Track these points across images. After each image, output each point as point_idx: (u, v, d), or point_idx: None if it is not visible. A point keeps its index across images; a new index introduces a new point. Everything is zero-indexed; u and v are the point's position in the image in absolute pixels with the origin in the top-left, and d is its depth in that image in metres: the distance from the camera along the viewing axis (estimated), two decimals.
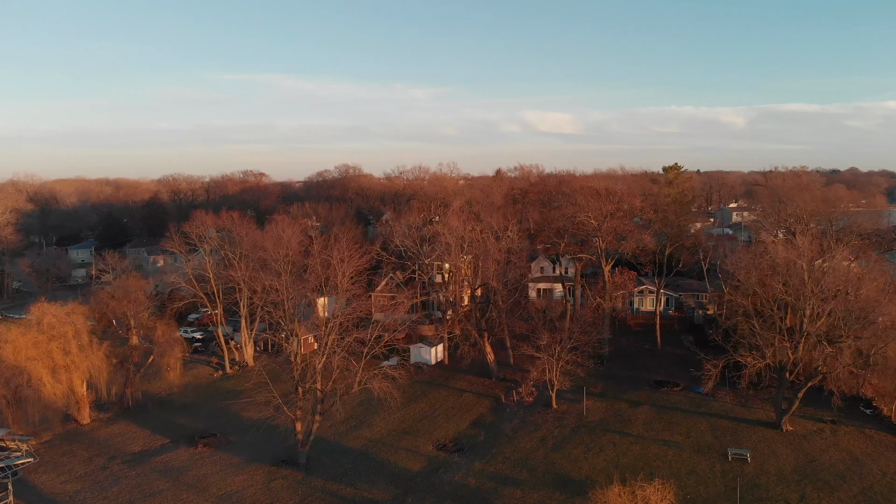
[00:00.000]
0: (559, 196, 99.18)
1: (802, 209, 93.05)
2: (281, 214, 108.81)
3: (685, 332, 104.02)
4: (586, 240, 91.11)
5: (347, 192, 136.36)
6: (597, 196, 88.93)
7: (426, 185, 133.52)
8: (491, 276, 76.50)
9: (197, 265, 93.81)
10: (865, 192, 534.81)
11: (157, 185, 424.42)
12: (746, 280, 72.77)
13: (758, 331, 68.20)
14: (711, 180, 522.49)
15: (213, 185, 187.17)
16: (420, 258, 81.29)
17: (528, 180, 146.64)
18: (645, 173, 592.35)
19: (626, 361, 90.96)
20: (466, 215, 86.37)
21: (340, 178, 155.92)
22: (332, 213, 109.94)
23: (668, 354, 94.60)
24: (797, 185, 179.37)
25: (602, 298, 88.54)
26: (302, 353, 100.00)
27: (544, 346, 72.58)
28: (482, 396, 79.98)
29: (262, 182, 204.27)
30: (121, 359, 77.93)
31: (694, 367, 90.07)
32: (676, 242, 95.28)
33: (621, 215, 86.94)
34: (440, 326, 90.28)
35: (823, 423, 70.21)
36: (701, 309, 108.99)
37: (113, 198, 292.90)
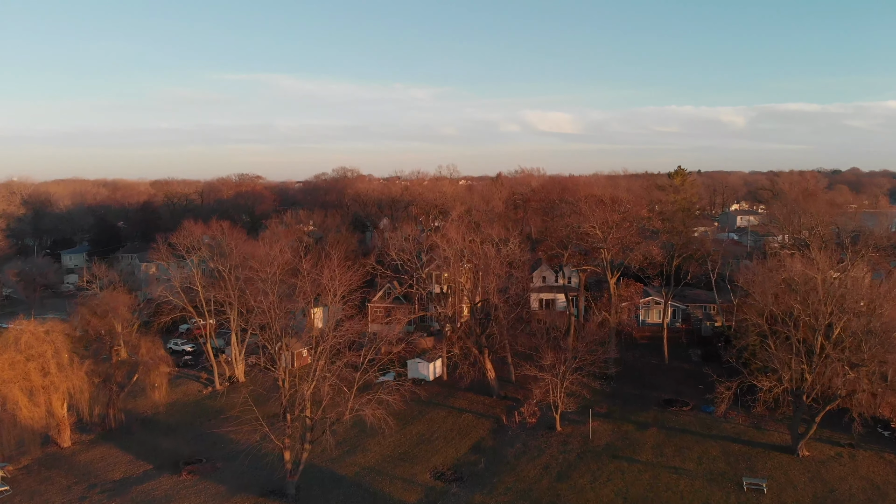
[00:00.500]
0: (562, 204, 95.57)
1: (816, 219, 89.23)
2: (274, 222, 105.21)
3: (693, 345, 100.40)
4: (591, 250, 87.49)
5: (344, 197, 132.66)
6: (601, 205, 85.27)
7: (424, 191, 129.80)
8: (491, 291, 72.89)
9: (186, 277, 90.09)
10: (868, 193, 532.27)
11: (153, 187, 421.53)
12: (761, 297, 69.01)
13: (774, 352, 64.52)
14: (713, 181, 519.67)
15: (207, 189, 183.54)
16: (417, 271, 77.61)
17: (530, 185, 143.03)
18: (647, 174, 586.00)
19: (633, 378, 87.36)
20: (466, 226, 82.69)
21: (337, 182, 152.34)
22: (328, 221, 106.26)
23: (675, 370, 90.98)
24: (804, 190, 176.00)
25: (608, 312, 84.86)
26: (293, 370, 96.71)
27: (548, 366, 68.93)
28: (482, 417, 76.37)
29: (257, 186, 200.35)
30: (103, 377, 74.30)
31: (703, 383, 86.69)
32: (685, 253, 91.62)
33: (627, 226, 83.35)
34: (438, 343, 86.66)
35: (841, 447, 66.71)
36: (709, 320, 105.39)
37: (109, 200, 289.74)
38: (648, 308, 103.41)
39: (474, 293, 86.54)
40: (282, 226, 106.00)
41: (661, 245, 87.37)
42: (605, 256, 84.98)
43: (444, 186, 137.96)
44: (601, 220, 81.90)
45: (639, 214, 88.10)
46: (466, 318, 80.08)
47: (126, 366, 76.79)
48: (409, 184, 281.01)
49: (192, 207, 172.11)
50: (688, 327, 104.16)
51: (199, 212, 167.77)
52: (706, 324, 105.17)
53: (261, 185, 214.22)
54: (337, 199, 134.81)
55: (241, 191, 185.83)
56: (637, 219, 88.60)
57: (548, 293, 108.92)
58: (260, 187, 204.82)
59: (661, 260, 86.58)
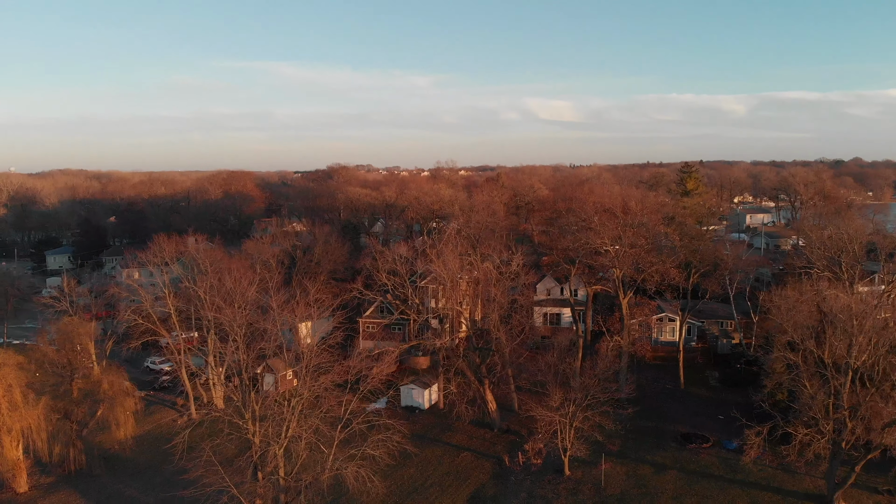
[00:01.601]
0: (568, 214, 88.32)
1: (847, 236, 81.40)
2: (260, 227, 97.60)
3: (709, 365, 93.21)
4: (600, 268, 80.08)
5: (335, 201, 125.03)
6: (612, 218, 77.77)
7: (421, 194, 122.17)
8: (493, 320, 65.30)
9: (156, 299, 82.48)
10: (873, 185, 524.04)
11: (148, 180, 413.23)
12: (795, 332, 61.57)
13: (812, 398, 57.11)
14: (717, 175, 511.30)
15: (196, 188, 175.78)
16: (410, 298, 70.05)
17: (532, 186, 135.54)
18: (648, 164, 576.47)
19: (647, 406, 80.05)
20: (464, 243, 75.13)
21: (329, 185, 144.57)
22: (317, 230, 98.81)
23: (692, 396, 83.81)
24: (820, 192, 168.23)
25: (619, 336, 77.53)
26: (278, 394, 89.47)
27: (556, 406, 61.68)
28: (482, 457, 69.13)
29: (247, 185, 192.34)
30: (63, 413, 67.10)
31: (723, 412, 79.67)
32: (702, 269, 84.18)
33: (642, 242, 75.86)
34: (435, 362, 79.18)
35: (879, 495, 59.99)
36: (725, 337, 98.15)
37: (100, 194, 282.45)
38: (662, 325, 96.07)
39: (473, 311, 79.36)
40: (267, 233, 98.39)
41: (678, 264, 79.86)
42: (617, 274, 77.54)
43: (441, 190, 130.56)
44: (613, 236, 74.44)
45: (655, 230, 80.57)
46: (464, 337, 72.57)
47: (89, 400, 69.55)
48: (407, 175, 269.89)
49: (179, 209, 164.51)
50: (704, 346, 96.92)
51: (186, 212, 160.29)
52: (723, 341, 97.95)
53: (251, 183, 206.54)
54: (328, 203, 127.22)
55: (229, 190, 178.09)
56: (652, 234, 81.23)
57: (553, 307, 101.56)
58: (251, 185, 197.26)
59: (679, 281, 79.23)
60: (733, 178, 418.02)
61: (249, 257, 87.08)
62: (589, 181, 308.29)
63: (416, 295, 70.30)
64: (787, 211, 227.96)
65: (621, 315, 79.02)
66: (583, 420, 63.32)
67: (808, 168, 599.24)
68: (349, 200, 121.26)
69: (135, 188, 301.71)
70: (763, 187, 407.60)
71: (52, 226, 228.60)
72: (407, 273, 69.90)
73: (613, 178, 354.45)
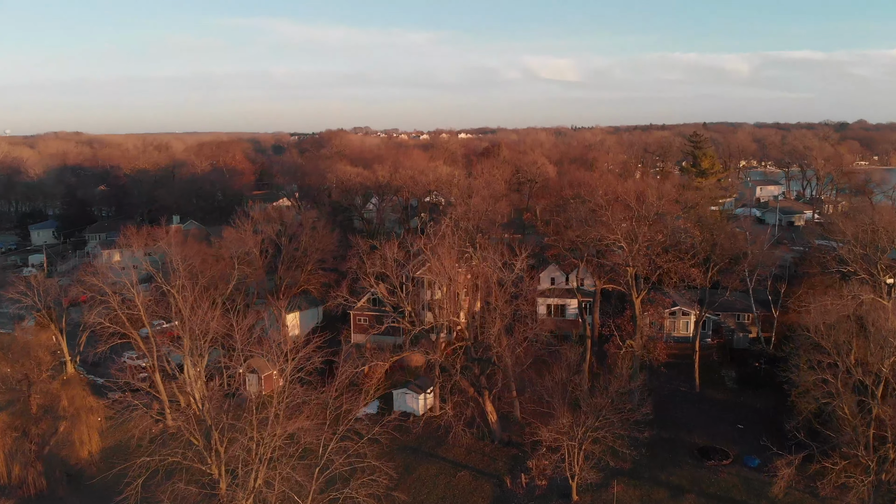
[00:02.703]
0: (576, 202, 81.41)
1: (885, 231, 74.14)
2: (240, 221, 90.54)
3: (725, 362, 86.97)
4: (612, 265, 73.22)
5: (325, 180, 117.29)
6: (626, 209, 70.65)
7: (416, 174, 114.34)
8: (494, 334, 58.49)
9: (125, 300, 75.42)
10: (878, 149, 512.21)
11: (137, 146, 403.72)
12: (834, 348, 54.95)
13: (852, 424, 50.80)
14: (722, 138, 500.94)
15: (180, 162, 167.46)
16: (403, 303, 63.12)
17: (535, 164, 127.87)
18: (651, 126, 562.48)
19: (660, 413, 73.91)
20: (461, 241, 68.12)
21: (319, 163, 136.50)
22: (304, 216, 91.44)
23: (708, 401, 77.72)
24: (838, 168, 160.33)
25: (631, 338, 71.04)
26: (259, 397, 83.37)
27: (563, 429, 55.43)
28: (482, 476, 63.13)
29: (236, 158, 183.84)
30: (21, 432, 60.99)
31: (742, 419, 73.74)
32: (721, 265, 77.30)
33: (660, 238, 68.88)
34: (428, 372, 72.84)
35: None
36: (742, 331, 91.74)
37: (89, 161, 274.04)
38: (675, 319, 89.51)
39: (472, 307, 72.74)
40: (249, 219, 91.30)
41: (699, 261, 72.85)
42: (630, 272, 70.69)
43: (438, 168, 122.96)
44: (627, 231, 67.46)
45: (673, 224, 73.52)
46: (461, 348, 66.03)
47: (49, 417, 63.34)
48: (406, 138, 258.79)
49: (165, 182, 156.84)
50: (719, 341, 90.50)
51: (171, 187, 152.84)
52: (739, 335, 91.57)
53: (241, 154, 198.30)
54: (318, 182, 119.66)
55: (217, 163, 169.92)
56: (670, 228, 74.24)
57: (557, 298, 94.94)
58: (240, 157, 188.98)
59: (701, 281, 72.53)
60: (738, 142, 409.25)
61: (229, 248, 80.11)
62: (593, 149, 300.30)
63: (408, 300, 63.48)
64: (798, 182, 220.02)
65: (633, 314, 72.40)
66: (593, 442, 57.24)
67: (813, 131, 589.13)
68: (340, 181, 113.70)
69: (125, 156, 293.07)
70: (770, 154, 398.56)
71: (39, 197, 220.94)
72: (398, 277, 62.96)
73: (617, 143, 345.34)
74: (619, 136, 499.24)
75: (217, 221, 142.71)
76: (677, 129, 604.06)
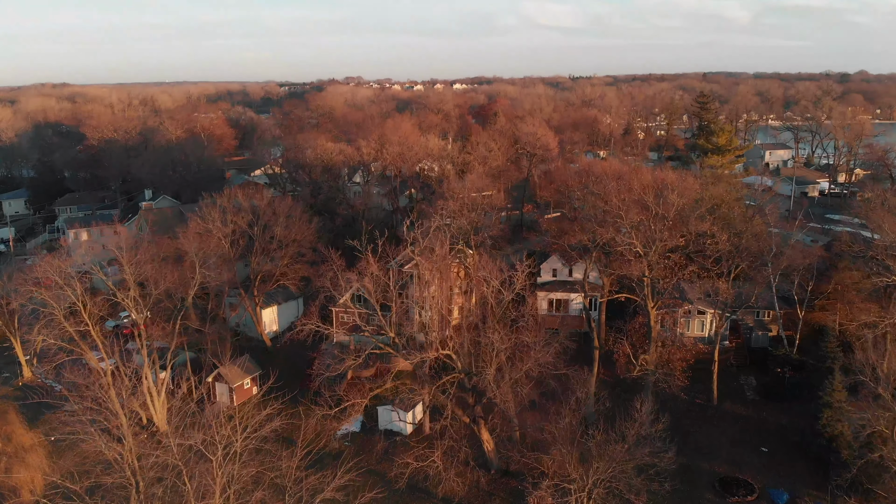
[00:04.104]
0: (583, 192, 72.64)
1: None
2: (206, 211, 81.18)
3: (744, 365, 79.20)
4: (626, 273, 64.58)
5: (305, 158, 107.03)
6: (643, 211, 61.77)
7: (404, 150, 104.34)
8: (490, 377, 49.57)
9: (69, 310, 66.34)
10: (881, 102, 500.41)
11: (122, 100, 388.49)
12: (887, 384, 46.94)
13: None
14: (722, 90, 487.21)
15: (152, 129, 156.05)
16: (385, 328, 54.42)
17: (535, 135, 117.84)
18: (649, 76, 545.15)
19: (675, 431, 66.37)
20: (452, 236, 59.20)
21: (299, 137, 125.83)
22: (277, 205, 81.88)
23: (727, 417, 70.08)
24: (855, 131, 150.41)
25: (646, 354, 62.93)
26: (233, 408, 75.53)
27: (571, 478, 47.68)
28: None
29: (214, 123, 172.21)
30: None
31: (766, 440, 66.29)
32: (744, 266, 68.79)
33: (681, 243, 60.21)
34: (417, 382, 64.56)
35: None
36: (761, 329, 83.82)
37: (69, 118, 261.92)
38: (689, 319, 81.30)
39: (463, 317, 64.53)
40: (217, 209, 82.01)
41: (724, 270, 64.37)
42: (646, 279, 62.12)
43: (429, 141, 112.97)
44: (645, 238, 58.70)
45: (698, 228, 64.65)
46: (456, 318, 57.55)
47: None
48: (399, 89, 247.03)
49: (138, 151, 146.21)
50: (737, 341, 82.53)
51: (145, 157, 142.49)
52: (758, 333, 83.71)
53: (221, 118, 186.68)
54: (298, 158, 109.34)
55: (194, 131, 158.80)
56: (694, 234, 65.54)
57: (559, 292, 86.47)
58: (219, 121, 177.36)
59: (727, 296, 64.21)
60: (740, 95, 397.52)
61: (191, 247, 70.95)
62: (593, 105, 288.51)
63: (393, 325, 54.84)
64: (807, 144, 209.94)
65: (647, 326, 64.15)
66: (605, 489, 49.59)
67: (816, 83, 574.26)
68: (321, 160, 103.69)
69: (106, 113, 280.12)
70: (773, 108, 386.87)
71: (14, 162, 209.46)
72: (379, 299, 54.28)
73: (617, 98, 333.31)
74: (618, 89, 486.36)
75: (194, 194, 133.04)
76: (677, 80, 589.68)
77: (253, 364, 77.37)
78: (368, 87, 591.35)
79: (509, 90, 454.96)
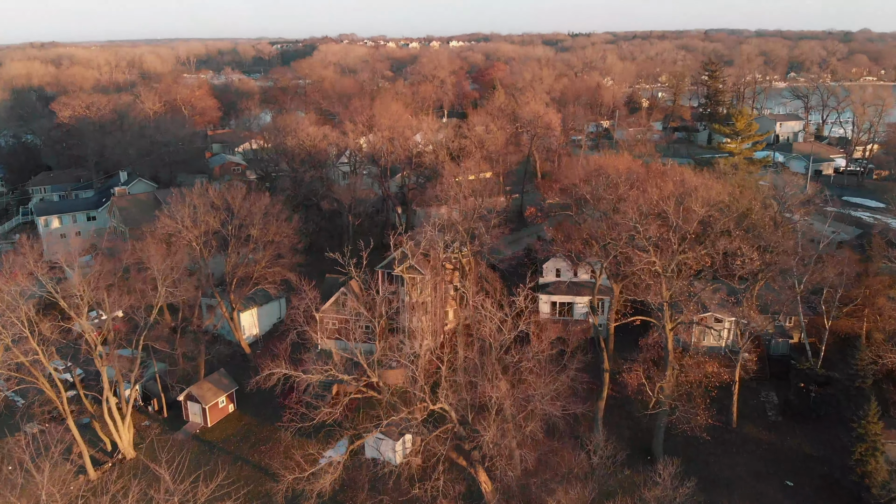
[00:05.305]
0: (591, 189, 65.32)
1: None
2: (175, 207, 73.57)
3: (763, 378, 72.79)
4: (643, 297, 57.54)
5: (285, 142, 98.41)
6: (663, 226, 54.60)
7: (396, 133, 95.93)
8: (490, 438, 42.50)
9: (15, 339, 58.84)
10: (886, 63, 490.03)
11: (108, 62, 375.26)
12: None
13: None
14: (725, 49, 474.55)
15: (130, 103, 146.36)
16: (371, 374, 47.45)
17: (537, 114, 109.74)
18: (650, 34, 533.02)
19: (691, 462, 60.42)
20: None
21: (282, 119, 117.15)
22: (253, 204, 73.82)
23: (748, 442, 63.87)
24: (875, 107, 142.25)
25: (662, 381, 56.39)
26: (207, 427, 69.24)
27: None
28: None
29: (195, 95, 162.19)
30: None
31: (791, 473, 60.30)
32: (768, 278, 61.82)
33: (708, 264, 53.18)
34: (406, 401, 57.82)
35: None
36: (781, 335, 77.32)
37: (53, 84, 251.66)
38: (704, 330, 74.43)
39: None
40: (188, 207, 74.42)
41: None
42: (664, 294, 55.22)
43: (422, 123, 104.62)
44: (665, 255, 51.61)
45: (724, 246, 57.39)
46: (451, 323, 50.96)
47: None
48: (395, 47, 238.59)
49: (115, 128, 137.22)
50: (758, 350, 75.89)
51: (120, 136, 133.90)
52: (777, 339, 77.24)
53: (206, 87, 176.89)
54: (279, 143, 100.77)
55: (175, 102, 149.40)
56: (720, 252, 58.37)
57: (563, 295, 79.74)
58: (203, 91, 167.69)
59: (752, 318, 57.49)
60: (744, 55, 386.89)
61: (160, 252, 63.55)
62: (594, 66, 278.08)
63: (374, 370, 48.00)
64: (817, 113, 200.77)
65: (665, 350, 57.49)
66: None
67: (820, 42, 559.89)
68: (304, 148, 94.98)
69: (91, 77, 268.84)
70: (783, 70, 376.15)
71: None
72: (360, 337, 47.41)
73: (619, 61, 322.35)
74: (619, 48, 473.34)
75: (173, 174, 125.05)
76: (679, 38, 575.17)
77: (228, 379, 70.83)
78: (362, 45, 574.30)
79: (507, 50, 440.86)
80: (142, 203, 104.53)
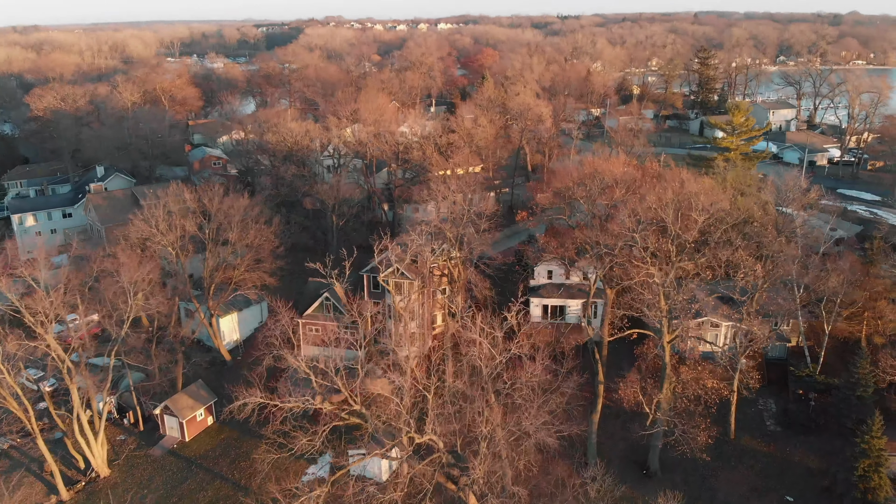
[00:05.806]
0: (583, 190, 62.56)
1: None
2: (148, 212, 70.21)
3: (760, 383, 70.53)
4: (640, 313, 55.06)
5: (263, 138, 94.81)
6: (662, 236, 52.02)
7: (382, 128, 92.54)
8: (481, 472, 40.01)
9: None
10: (875, 46, 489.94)
11: (90, 47, 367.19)
12: None
13: None
14: (715, 33, 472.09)
15: (108, 95, 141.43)
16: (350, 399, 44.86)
17: (529, 108, 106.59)
18: (640, 16, 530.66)
19: (689, 478, 58.39)
20: None
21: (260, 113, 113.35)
22: (231, 206, 70.25)
23: (746, 455, 61.77)
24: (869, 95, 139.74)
25: (659, 393, 54.09)
26: (184, 442, 66.39)
27: None
28: None
29: (176, 85, 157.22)
30: None
31: (792, 488, 58.29)
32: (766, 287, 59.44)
33: (709, 276, 50.60)
34: None
35: None
36: (780, 339, 75.10)
37: (33, 71, 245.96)
38: (700, 331, 72.12)
39: None
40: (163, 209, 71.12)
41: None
42: (662, 306, 52.74)
43: (409, 117, 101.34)
44: (663, 266, 49.07)
45: (732, 257, 54.72)
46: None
47: None
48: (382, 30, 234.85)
49: (92, 120, 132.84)
50: (756, 355, 73.68)
51: (97, 130, 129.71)
52: (774, 343, 74.97)
53: (186, 76, 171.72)
54: (258, 138, 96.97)
55: (152, 94, 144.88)
56: (722, 262, 55.89)
57: (555, 297, 77.19)
58: (183, 80, 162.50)
59: (762, 341, 55.26)
60: (735, 39, 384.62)
61: (132, 262, 60.29)
62: (584, 52, 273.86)
63: (358, 396, 45.31)
64: (809, 100, 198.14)
65: (663, 362, 55.11)
66: None
67: (810, 25, 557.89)
68: (285, 144, 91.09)
69: (72, 62, 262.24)
70: (772, 54, 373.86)
71: None
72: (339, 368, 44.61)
73: (609, 45, 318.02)
74: (608, 31, 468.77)
75: (152, 168, 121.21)
76: (668, 20, 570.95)
77: (207, 391, 67.90)
78: (349, 28, 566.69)
79: (496, 33, 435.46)
80: (118, 201, 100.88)
